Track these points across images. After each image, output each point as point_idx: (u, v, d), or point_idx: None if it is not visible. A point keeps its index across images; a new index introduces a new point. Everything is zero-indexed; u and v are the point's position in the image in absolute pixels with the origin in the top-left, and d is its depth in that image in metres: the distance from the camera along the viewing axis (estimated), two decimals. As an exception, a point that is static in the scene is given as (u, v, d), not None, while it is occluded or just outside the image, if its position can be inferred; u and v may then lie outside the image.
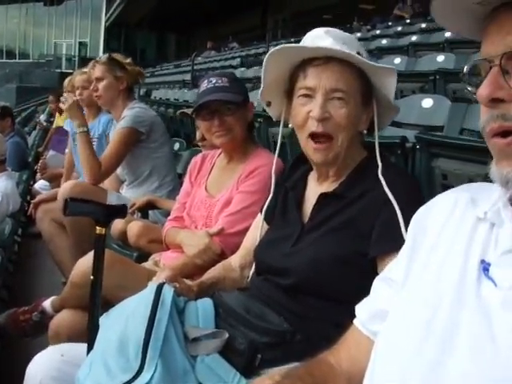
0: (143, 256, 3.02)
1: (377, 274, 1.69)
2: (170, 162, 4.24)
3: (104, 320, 1.78)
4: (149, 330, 1.58)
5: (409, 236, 1.26)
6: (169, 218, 2.91)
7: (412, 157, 2.85)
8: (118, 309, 1.78)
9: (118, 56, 4.22)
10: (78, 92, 5.22)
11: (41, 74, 36.11)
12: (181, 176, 4.71)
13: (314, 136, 1.83)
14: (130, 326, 1.62)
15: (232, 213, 2.55)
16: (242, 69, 11.63)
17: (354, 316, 1.44)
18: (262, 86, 1.99)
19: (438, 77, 5.16)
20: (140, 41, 40.21)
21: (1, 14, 45.25)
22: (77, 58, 39.35)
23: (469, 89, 1.13)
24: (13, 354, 3.17)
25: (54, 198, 4.41)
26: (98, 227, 1.69)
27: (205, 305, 1.82)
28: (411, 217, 1.35)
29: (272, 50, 1.89)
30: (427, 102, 4.21)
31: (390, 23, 14.65)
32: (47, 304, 2.86)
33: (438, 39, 8.05)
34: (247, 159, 2.66)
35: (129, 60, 4.24)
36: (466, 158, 2.87)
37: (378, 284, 1.34)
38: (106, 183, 4.22)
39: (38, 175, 6.31)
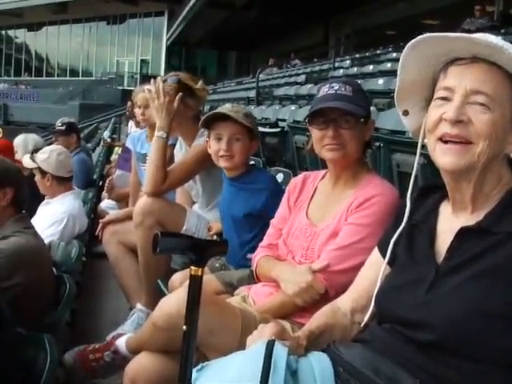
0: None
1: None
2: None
3: (197, 378, 1.46)
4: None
5: None
6: (261, 244, 2.57)
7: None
8: (216, 369, 1.46)
9: (187, 79, 3.75)
10: (139, 111, 4.98)
11: (103, 91, 36.74)
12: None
13: (445, 139, 1.52)
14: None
15: (340, 247, 2.21)
16: (309, 85, 11.34)
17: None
18: (397, 86, 1.68)
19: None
20: (201, 58, 40.44)
21: (65, 33, 46.52)
22: (138, 76, 39.79)
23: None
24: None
25: (122, 219, 4.16)
26: (193, 267, 1.37)
27: (322, 364, 1.50)
28: None
29: (410, 42, 1.58)
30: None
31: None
32: (121, 343, 2.57)
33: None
34: (357, 185, 2.32)
35: (199, 84, 3.78)
36: None
37: None
38: (177, 200, 3.96)
39: (104, 194, 6.10)
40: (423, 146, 1.68)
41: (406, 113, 1.73)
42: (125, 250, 4.02)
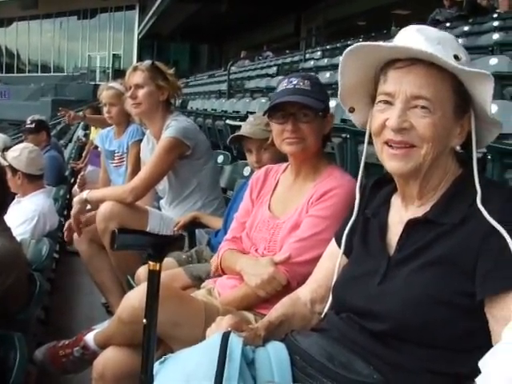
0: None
1: (484, 316, 1.42)
2: (215, 180, 3.98)
3: (159, 371, 1.51)
4: (216, 393, 1.31)
5: None
6: (225, 237, 2.61)
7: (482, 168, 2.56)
8: (176, 361, 1.50)
9: (160, 65, 3.91)
10: (105, 109, 4.98)
11: (75, 86, 36.44)
12: (225, 191, 4.46)
13: (390, 143, 1.56)
14: (192, 388, 1.35)
15: (300, 239, 2.26)
16: (280, 77, 11.33)
17: (462, 366, 1.40)
18: (339, 89, 1.72)
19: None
20: (173, 52, 40.11)
21: (35, 28, 46.03)
22: (111, 70, 39.56)
23: None
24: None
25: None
26: (151, 262, 1.42)
27: (278, 352, 1.54)
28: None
29: (347, 50, 1.62)
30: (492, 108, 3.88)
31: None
32: (90, 338, 2.59)
33: (486, 42, 7.70)
34: (317, 178, 2.37)
35: (171, 71, 3.93)
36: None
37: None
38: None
39: (76, 189, 6.09)
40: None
41: (352, 109, 1.77)
42: (97, 247, 3.97)
